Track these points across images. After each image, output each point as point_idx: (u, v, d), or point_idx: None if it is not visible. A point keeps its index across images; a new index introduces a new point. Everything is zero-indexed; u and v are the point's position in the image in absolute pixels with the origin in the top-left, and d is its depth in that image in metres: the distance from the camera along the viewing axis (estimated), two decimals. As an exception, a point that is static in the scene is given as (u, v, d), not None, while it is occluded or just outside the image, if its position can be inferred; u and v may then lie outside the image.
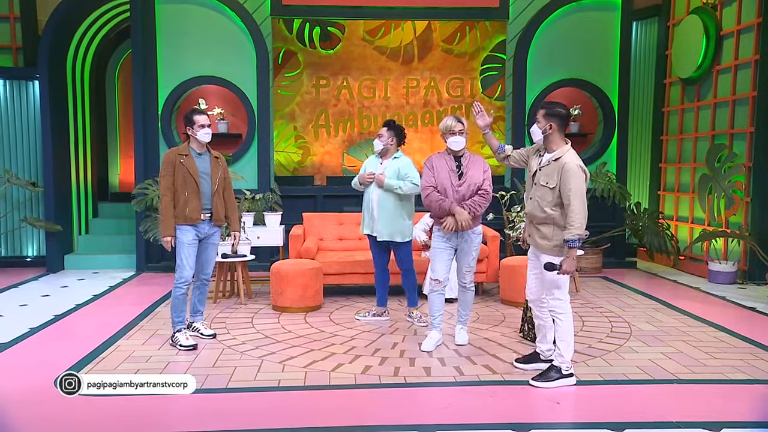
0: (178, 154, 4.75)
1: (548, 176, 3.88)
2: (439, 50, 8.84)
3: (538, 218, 3.96)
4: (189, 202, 4.71)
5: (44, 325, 5.43)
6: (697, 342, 4.95)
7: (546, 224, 3.93)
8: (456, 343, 4.82)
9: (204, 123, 4.77)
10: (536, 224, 4.00)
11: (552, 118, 3.89)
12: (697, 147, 8.09)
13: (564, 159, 3.83)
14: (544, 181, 3.90)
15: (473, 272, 4.79)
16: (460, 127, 4.57)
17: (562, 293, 3.99)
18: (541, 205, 3.91)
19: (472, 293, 4.84)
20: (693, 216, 8.16)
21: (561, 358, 4.01)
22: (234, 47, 7.93)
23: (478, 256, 4.80)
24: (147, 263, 7.92)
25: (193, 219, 4.73)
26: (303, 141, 8.79)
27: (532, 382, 4.01)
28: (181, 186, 4.70)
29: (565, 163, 3.81)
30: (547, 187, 3.88)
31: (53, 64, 7.87)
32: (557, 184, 3.82)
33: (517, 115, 8.23)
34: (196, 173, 4.73)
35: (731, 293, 6.74)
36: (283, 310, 5.86)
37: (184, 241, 4.74)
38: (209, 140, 4.84)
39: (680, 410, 3.67)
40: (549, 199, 3.87)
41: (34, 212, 8.23)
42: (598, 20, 8.19)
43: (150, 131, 7.87)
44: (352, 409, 3.71)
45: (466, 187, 4.61)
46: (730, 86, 7.47)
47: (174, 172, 4.70)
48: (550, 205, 3.87)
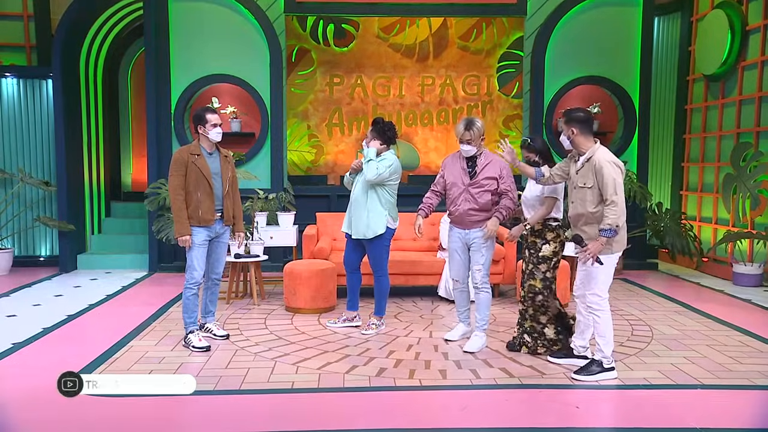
0: (190, 153, 4.68)
1: (584, 177, 4.02)
2: (455, 47, 8.72)
3: (582, 220, 4.07)
4: (202, 203, 4.65)
5: (57, 325, 5.41)
6: (722, 346, 4.83)
7: (590, 224, 4.02)
8: (464, 350, 4.66)
9: (216, 122, 4.71)
10: (581, 226, 4.09)
11: (572, 124, 4.07)
12: (721, 145, 7.90)
13: (595, 157, 3.98)
14: (581, 182, 4.03)
15: (483, 272, 4.65)
16: (468, 136, 4.55)
17: (602, 290, 4.04)
18: (585, 206, 4.02)
19: (486, 295, 4.69)
20: (717, 217, 7.98)
21: (601, 353, 4.08)
22: (247, 45, 7.86)
23: (491, 255, 4.69)
24: (159, 263, 7.89)
25: (207, 220, 4.68)
26: (316, 140, 8.71)
27: (574, 376, 4.08)
28: (193, 186, 4.64)
29: (596, 161, 3.96)
30: (585, 188, 4.01)
31: (66, 62, 7.86)
32: (594, 183, 3.96)
33: (534, 113, 8.08)
34: (209, 174, 4.67)
35: (757, 296, 6.56)
36: (296, 311, 5.78)
37: (195, 242, 4.69)
38: (220, 140, 4.78)
39: (704, 416, 3.60)
40: (590, 199, 3.99)
41: (47, 212, 8.22)
42: (618, 16, 8.03)
43: (163, 130, 7.84)
44: (367, 412, 3.66)
45: (478, 188, 4.55)
46: (756, 83, 7.27)
47: (186, 172, 4.64)
48: (593, 204, 3.99)
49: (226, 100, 7.97)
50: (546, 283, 4.44)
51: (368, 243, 5.06)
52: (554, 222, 4.46)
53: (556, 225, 4.47)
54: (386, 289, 5.20)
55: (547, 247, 4.44)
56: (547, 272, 4.44)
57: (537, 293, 4.45)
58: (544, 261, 4.44)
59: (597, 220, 3.97)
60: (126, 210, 9.12)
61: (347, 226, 5.17)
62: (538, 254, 4.45)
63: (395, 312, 5.83)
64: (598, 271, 3.99)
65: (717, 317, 5.68)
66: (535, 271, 4.45)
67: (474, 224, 4.63)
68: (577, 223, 4.11)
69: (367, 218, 4.98)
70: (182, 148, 4.80)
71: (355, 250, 5.21)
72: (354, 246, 5.19)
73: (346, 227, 5.18)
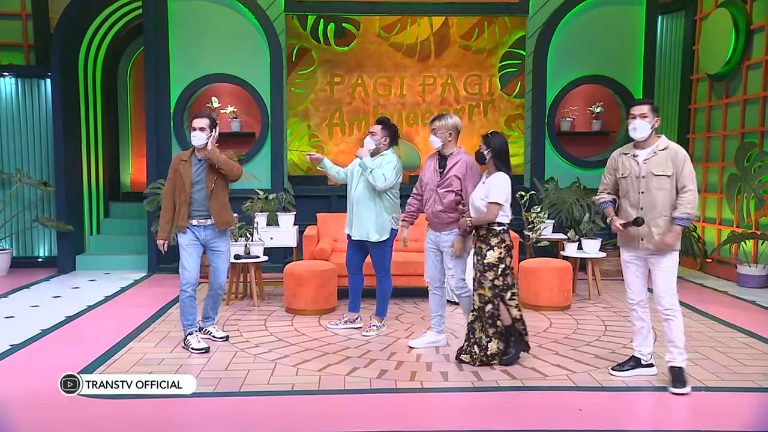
0: (180, 159, 4.72)
1: (661, 165, 3.92)
2: (456, 46, 8.67)
3: (658, 212, 3.91)
4: (180, 208, 4.67)
5: (56, 326, 5.38)
6: (726, 348, 4.79)
7: (665, 217, 3.92)
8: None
9: (196, 126, 4.61)
10: (656, 219, 3.92)
11: (657, 113, 3.98)
12: (725, 145, 7.84)
13: (674, 147, 3.95)
14: (658, 170, 3.91)
15: (457, 277, 4.51)
16: (435, 124, 4.51)
17: (676, 288, 3.98)
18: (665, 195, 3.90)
19: (467, 299, 4.53)
20: (721, 217, 7.92)
21: (682, 356, 3.96)
22: (247, 44, 7.82)
23: (465, 261, 4.54)
24: (159, 264, 7.84)
25: (181, 227, 4.68)
26: (317, 140, 8.66)
27: (675, 391, 3.86)
28: (177, 193, 4.67)
29: (678, 151, 3.92)
30: (664, 175, 3.90)
31: (65, 62, 7.82)
32: (674, 171, 3.89)
33: (536, 113, 8.03)
34: (188, 181, 4.63)
35: (761, 297, 6.50)
36: (296, 313, 5.73)
37: (182, 243, 4.69)
38: (199, 144, 4.63)
39: (708, 418, 3.59)
40: (668, 188, 3.90)
41: (45, 212, 8.18)
42: (621, 15, 7.97)
43: (162, 130, 7.79)
44: (368, 414, 3.63)
45: (444, 188, 4.47)
46: (761, 82, 7.21)
47: (174, 177, 4.68)
48: (672, 193, 3.90)
49: (226, 100, 7.92)
50: (495, 292, 4.23)
51: (372, 245, 5.01)
52: (498, 227, 4.24)
53: (500, 230, 4.25)
54: (388, 291, 5.15)
55: (492, 253, 4.22)
56: (495, 280, 4.22)
57: (486, 302, 4.25)
58: (490, 268, 4.22)
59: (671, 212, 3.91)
60: (125, 210, 9.09)
61: (349, 227, 5.11)
62: (484, 261, 4.24)
63: (396, 313, 5.78)
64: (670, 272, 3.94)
65: (721, 318, 5.63)
66: (482, 280, 4.25)
67: (442, 226, 4.52)
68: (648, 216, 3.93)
69: (372, 221, 4.93)
70: (177, 154, 4.86)
71: (357, 251, 5.15)
72: (356, 247, 5.13)
73: (348, 229, 5.12)
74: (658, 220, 3.91)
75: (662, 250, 3.93)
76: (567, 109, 8.19)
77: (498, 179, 4.23)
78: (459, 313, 5.38)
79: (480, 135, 4.49)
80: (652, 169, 3.92)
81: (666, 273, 3.95)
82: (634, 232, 3.98)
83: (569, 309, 5.96)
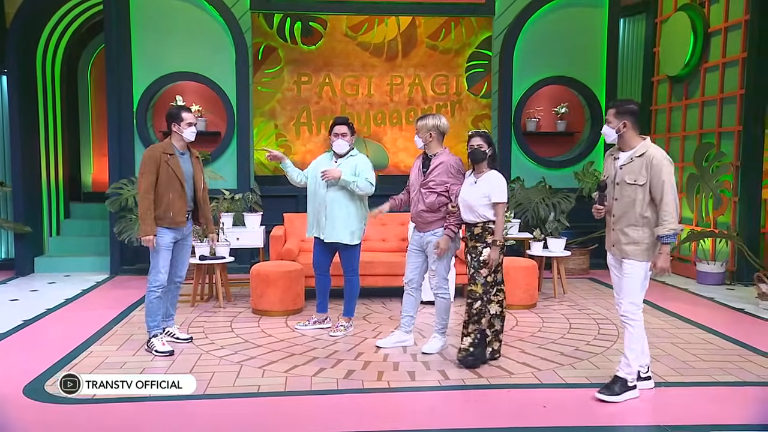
0: (163, 152, 4.55)
1: (634, 173, 3.70)
2: (423, 47, 8.69)
3: (628, 221, 3.76)
4: (173, 204, 4.53)
5: (13, 330, 5.24)
6: (685, 344, 4.90)
7: (636, 226, 3.73)
8: (422, 351, 4.61)
9: (191, 121, 4.63)
10: (624, 228, 3.77)
11: (624, 116, 3.75)
12: (685, 146, 8.03)
13: (650, 153, 3.69)
14: (630, 179, 3.71)
15: (439, 278, 4.53)
16: (417, 125, 4.59)
17: (639, 298, 3.79)
18: (633, 206, 3.72)
19: (442, 301, 4.57)
20: (681, 216, 8.08)
21: (628, 368, 3.79)
22: (212, 42, 7.71)
23: (448, 262, 4.57)
24: (121, 266, 7.68)
25: (179, 222, 4.58)
26: (284, 139, 8.59)
27: (598, 395, 3.77)
28: (165, 187, 4.52)
29: (653, 157, 3.67)
30: (636, 185, 3.69)
31: (22, 58, 7.61)
32: (647, 180, 3.66)
33: (502, 113, 8.11)
34: (182, 174, 4.56)
35: (719, 294, 6.68)
36: (263, 314, 5.67)
37: (162, 245, 4.56)
38: (194, 139, 4.68)
39: (668, 413, 3.67)
40: (640, 198, 3.69)
41: (2, 213, 7.94)
42: (585, 17, 8.10)
43: (125, 129, 7.63)
44: (335, 415, 3.61)
45: (426, 188, 4.49)
46: (718, 84, 7.41)
47: (158, 171, 4.51)
48: (642, 204, 3.69)
49: (191, 99, 7.80)
50: (486, 288, 4.29)
51: (344, 247, 5.00)
52: (493, 224, 4.30)
53: None
54: (357, 290, 5.14)
55: (488, 251, 4.27)
56: (488, 277, 4.29)
57: (476, 299, 4.29)
58: (485, 265, 4.28)
59: (646, 225, 3.71)
60: (86, 211, 8.88)
61: (316, 230, 5.06)
62: (480, 258, 4.29)
63: (364, 313, 5.77)
64: (631, 278, 3.74)
65: (681, 315, 5.77)
66: (476, 276, 4.29)
67: (426, 226, 4.54)
68: (620, 225, 3.78)
69: (348, 224, 4.93)
70: (154, 146, 4.69)
71: (326, 252, 5.13)
72: (324, 248, 5.10)
73: (315, 232, 5.08)
74: (626, 229, 3.76)
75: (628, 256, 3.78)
76: (533, 110, 8.29)
77: (497, 179, 4.32)
78: (429, 312, 5.39)
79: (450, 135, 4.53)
80: (625, 176, 3.74)
81: (627, 278, 3.77)
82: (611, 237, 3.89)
83: (535, 307, 6.03)
